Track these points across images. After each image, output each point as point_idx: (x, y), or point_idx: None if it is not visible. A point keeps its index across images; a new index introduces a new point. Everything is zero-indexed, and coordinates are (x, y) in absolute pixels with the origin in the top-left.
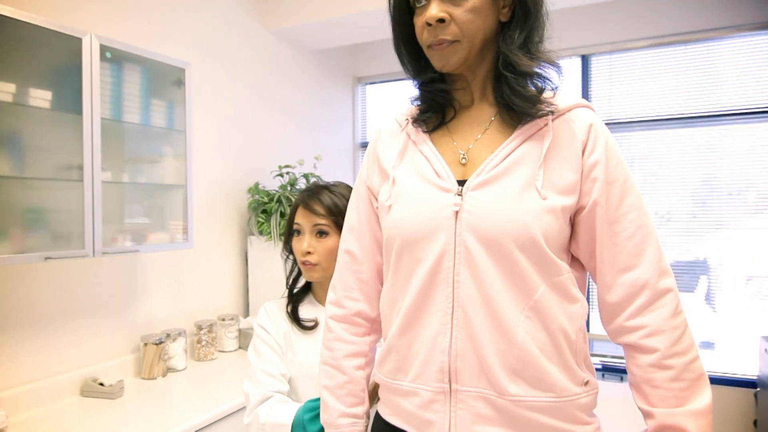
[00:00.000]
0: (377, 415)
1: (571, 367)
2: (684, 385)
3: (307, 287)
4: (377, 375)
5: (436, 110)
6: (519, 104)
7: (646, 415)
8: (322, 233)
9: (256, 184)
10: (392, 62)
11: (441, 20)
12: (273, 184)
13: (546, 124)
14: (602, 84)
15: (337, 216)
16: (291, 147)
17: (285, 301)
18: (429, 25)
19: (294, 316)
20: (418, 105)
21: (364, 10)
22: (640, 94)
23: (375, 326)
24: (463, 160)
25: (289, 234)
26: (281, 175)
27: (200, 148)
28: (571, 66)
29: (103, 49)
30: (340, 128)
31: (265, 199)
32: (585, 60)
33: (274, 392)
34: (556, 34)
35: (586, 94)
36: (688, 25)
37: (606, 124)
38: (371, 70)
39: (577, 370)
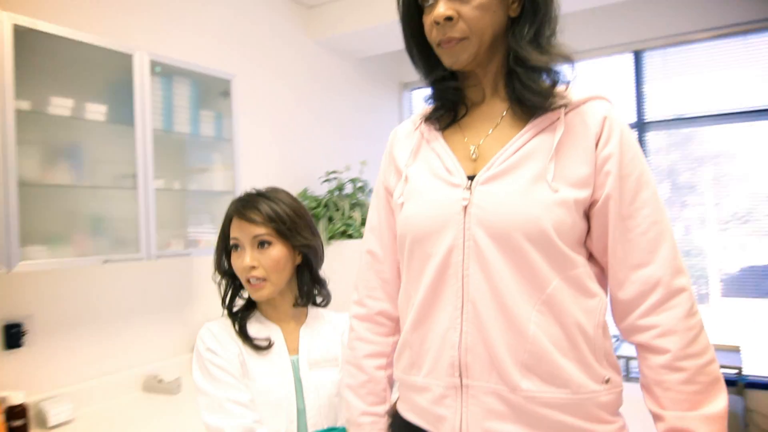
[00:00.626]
0: (396, 411)
1: (589, 364)
2: (697, 388)
3: (251, 304)
4: (395, 371)
5: (448, 108)
6: (530, 98)
7: (656, 418)
8: (263, 244)
9: (305, 190)
10: None
11: (449, 18)
12: (321, 190)
13: (558, 118)
14: (657, 79)
15: (278, 223)
16: (337, 153)
17: (227, 321)
18: (437, 23)
19: (244, 336)
20: (431, 103)
21: None
22: (705, 87)
23: (398, 326)
24: (474, 155)
25: (223, 250)
26: (328, 180)
27: (248, 156)
28: (623, 62)
29: (153, 64)
30: (386, 134)
31: (314, 204)
32: (638, 56)
33: (253, 423)
34: (606, 28)
35: (639, 90)
36: (751, 15)
37: (667, 120)
38: (417, 76)
39: (596, 367)
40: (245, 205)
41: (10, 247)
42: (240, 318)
